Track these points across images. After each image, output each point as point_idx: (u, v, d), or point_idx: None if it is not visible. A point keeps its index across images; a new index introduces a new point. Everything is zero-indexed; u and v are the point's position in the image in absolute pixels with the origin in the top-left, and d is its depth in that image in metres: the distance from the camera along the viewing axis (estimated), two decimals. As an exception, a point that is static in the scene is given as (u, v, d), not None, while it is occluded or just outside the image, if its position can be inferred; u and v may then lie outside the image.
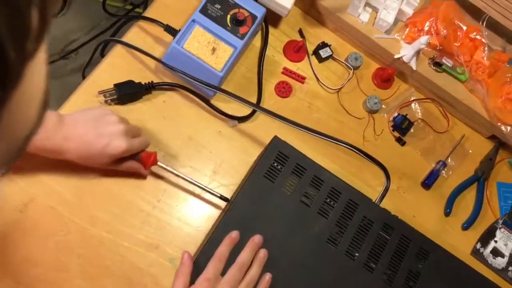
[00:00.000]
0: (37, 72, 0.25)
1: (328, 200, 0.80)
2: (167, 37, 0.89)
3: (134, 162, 0.78)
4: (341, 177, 0.83)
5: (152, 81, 0.86)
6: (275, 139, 0.81)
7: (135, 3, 1.65)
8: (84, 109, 0.76)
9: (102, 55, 0.91)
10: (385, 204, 0.87)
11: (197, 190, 0.84)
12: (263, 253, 0.75)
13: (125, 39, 0.89)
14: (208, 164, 0.87)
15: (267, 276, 0.74)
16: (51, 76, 0.27)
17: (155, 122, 0.86)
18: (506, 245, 0.96)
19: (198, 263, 0.73)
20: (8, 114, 0.23)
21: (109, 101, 0.83)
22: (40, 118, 0.28)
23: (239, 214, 0.77)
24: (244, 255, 0.72)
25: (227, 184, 0.86)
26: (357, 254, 0.79)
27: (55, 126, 0.70)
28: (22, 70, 0.23)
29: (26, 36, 0.23)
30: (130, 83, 0.83)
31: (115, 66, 0.88)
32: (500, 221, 0.98)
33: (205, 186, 0.80)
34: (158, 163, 0.78)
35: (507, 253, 0.96)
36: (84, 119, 0.73)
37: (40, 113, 0.27)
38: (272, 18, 0.97)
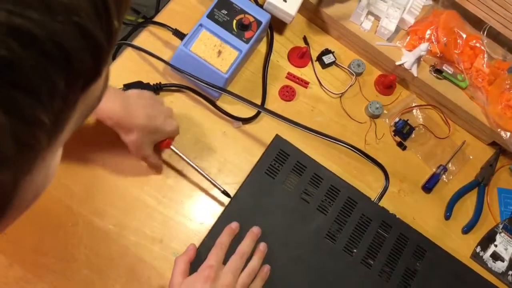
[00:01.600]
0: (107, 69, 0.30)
1: (327, 197, 0.83)
2: (176, 41, 0.93)
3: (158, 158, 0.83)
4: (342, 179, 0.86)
5: (160, 82, 0.90)
6: (277, 138, 0.84)
7: (147, 16, 1.70)
8: (138, 90, 0.81)
9: (113, 58, 0.95)
10: (386, 206, 0.89)
11: (201, 188, 0.87)
12: (263, 246, 0.77)
13: (135, 43, 0.94)
14: (213, 163, 0.90)
15: (266, 268, 0.76)
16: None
17: (162, 122, 0.90)
18: (506, 249, 0.97)
19: (200, 254, 0.76)
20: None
21: (118, 99, 0.87)
22: (101, 95, 0.32)
23: (240, 208, 0.80)
24: (244, 245, 0.75)
25: (230, 182, 0.89)
26: (355, 250, 0.81)
27: (122, 98, 0.75)
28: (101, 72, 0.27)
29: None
30: (139, 83, 0.87)
31: (125, 68, 0.92)
32: (501, 226, 0.99)
33: (208, 175, 0.82)
34: (171, 146, 0.81)
35: (507, 257, 0.97)
36: (144, 97, 0.79)
37: (102, 93, 0.32)
38: (277, 26, 1.01)
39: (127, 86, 0.87)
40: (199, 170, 0.82)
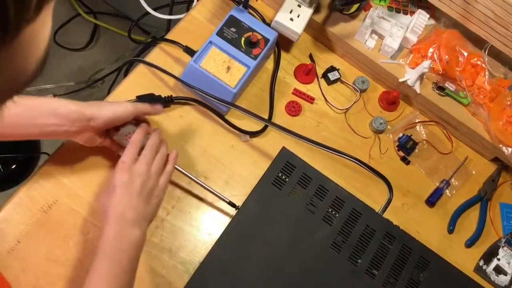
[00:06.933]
0: (46, 17, 0.31)
1: (332, 208, 0.85)
2: (186, 57, 0.97)
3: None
4: (346, 191, 0.88)
5: (171, 95, 0.93)
6: (283, 150, 0.87)
7: (157, 36, 1.75)
8: None
9: (126, 74, 0.99)
10: (390, 219, 0.91)
11: (209, 199, 0.90)
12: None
13: (147, 59, 0.97)
14: (221, 175, 0.93)
15: (174, 153, 0.82)
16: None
17: (171, 135, 0.93)
18: (509, 263, 0.98)
19: (206, 263, 0.78)
20: (7, 55, 0.29)
21: (131, 110, 0.90)
22: (38, 70, 0.33)
23: (247, 218, 0.82)
24: (152, 140, 0.80)
25: (237, 194, 0.91)
26: (359, 261, 0.83)
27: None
28: (36, 17, 0.28)
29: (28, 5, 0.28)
30: (150, 95, 0.91)
31: (137, 83, 0.95)
32: (503, 240, 1.00)
33: (212, 189, 0.85)
34: (176, 166, 0.84)
35: (509, 271, 0.98)
36: None
37: (38, 66, 0.33)
38: (284, 44, 1.05)
39: (139, 97, 0.90)
40: (203, 184, 0.85)
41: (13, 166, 1.63)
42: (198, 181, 0.85)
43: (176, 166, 0.84)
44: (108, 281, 0.69)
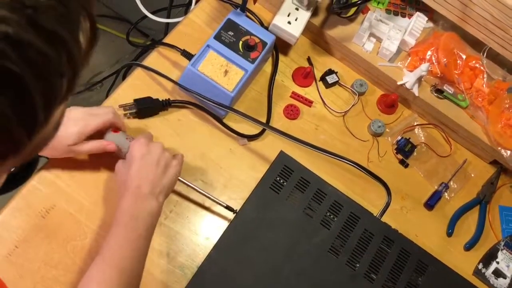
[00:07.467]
0: (57, 114, 0.34)
1: (330, 212, 0.85)
2: (184, 61, 0.96)
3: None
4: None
5: (169, 98, 0.93)
6: (281, 154, 0.87)
7: (155, 39, 1.75)
8: None
9: (124, 77, 0.99)
10: (388, 222, 0.91)
11: (207, 203, 0.89)
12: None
13: (145, 63, 0.97)
14: (219, 179, 0.93)
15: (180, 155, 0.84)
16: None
17: (170, 139, 0.93)
18: (508, 266, 0.98)
19: (204, 267, 0.77)
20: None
21: (128, 114, 0.90)
22: (55, 131, 0.37)
23: (245, 222, 0.82)
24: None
25: (236, 198, 0.91)
26: (358, 265, 0.83)
27: None
28: (46, 125, 0.32)
29: (54, 102, 0.31)
30: (148, 98, 0.91)
31: (135, 87, 0.95)
32: (502, 243, 1.00)
33: (209, 194, 0.85)
34: None
35: (509, 274, 0.98)
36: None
37: (54, 131, 0.36)
38: (282, 47, 1.05)
39: (137, 101, 0.90)
40: (200, 190, 0.85)
41: (12, 169, 1.62)
42: (194, 187, 0.85)
43: None
44: (123, 245, 0.71)
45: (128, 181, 0.75)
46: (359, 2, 0.95)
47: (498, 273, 0.97)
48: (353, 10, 1.02)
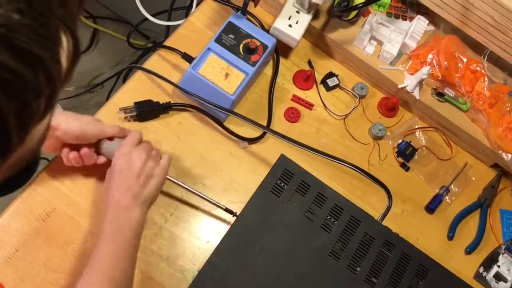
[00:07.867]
0: (39, 129, 0.34)
1: (331, 216, 0.85)
2: (184, 64, 0.96)
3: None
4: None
5: (169, 102, 0.93)
6: (282, 157, 0.87)
7: (156, 41, 1.75)
8: None
9: (124, 80, 0.99)
10: (389, 226, 0.91)
11: (207, 206, 0.89)
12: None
13: (145, 66, 0.97)
14: (219, 182, 0.92)
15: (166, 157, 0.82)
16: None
17: (170, 142, 0.93)
18: (509, 270, 0.98)
19: (204, 271, 0.77)
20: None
21: (129, 117, 0.90)
22: (40, 144, 0.37)
23: (246, 225, 0.82)
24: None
25: (236, 201, 0.91)
26: (358, 269, 0.83)
27: None
28: (21, 144, 0.32)
29: (30, 122, 0.31)
30: (149, 101, 0.91)
31: (135, 90, 0.95)
32: (503, 247, 1.00)
33: (207, 197, 0.84)
34: (167, 176, 0.83)
35: (510, 278, 0.97)
36: None
37: (39, 144, 0.37)
38: (283, 50, 1.04)
39: (137, 104, 0.90)
40: (200, 194, 0.85)
41: None
42: (194, 191, 0.84)
43: (171, 177, 0.84)
44: (110, 255, 0.72)
45: (109, 194, 0.76)
46: (360, 5, 0.95)
47: (499, 277, 0.97)
48: (354, 13, 1.02)
